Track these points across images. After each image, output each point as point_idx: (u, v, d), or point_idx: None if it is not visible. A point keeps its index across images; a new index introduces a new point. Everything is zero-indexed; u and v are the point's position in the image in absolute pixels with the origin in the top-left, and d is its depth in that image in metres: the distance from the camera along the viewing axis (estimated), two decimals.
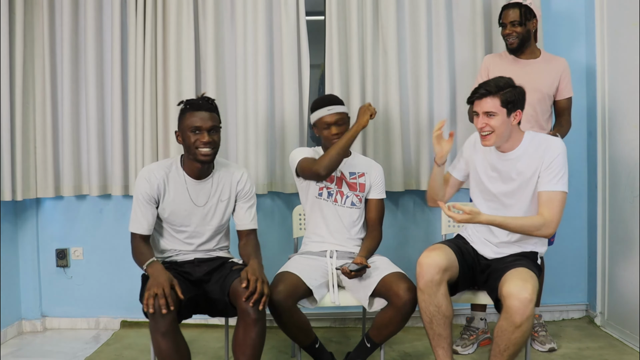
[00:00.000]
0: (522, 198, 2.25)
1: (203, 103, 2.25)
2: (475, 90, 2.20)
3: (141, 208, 2.27)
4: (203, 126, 2.22)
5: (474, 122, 2.27)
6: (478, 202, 2.38)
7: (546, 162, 2.18)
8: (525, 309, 2.00)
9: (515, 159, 2.23)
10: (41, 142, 3.14)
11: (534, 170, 2.20)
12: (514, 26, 2.72)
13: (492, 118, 2.16)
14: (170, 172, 2.32)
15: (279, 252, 3.00)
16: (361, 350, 2.43)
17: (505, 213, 2.26)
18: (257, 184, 3.11)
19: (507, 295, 2.04)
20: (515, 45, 2.74)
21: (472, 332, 2.88)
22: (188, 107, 2.26)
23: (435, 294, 2.17)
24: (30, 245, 3.26)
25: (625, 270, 2.92)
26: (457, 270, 2.27)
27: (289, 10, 3.09)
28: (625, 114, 2.91)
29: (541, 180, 2.19)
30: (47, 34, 3.11)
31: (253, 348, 2.09)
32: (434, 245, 2.30)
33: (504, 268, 2.20)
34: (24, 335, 3.22)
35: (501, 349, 2.11)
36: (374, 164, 2.68)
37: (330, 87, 3.10)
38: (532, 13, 2.72)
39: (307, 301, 2.36)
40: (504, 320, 2.07)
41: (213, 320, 3.28)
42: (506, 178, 2.26)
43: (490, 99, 2.15)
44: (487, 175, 2.32)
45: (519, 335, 2.05)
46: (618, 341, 2.92)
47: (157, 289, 2.01)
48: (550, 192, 2.17)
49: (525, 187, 2.24)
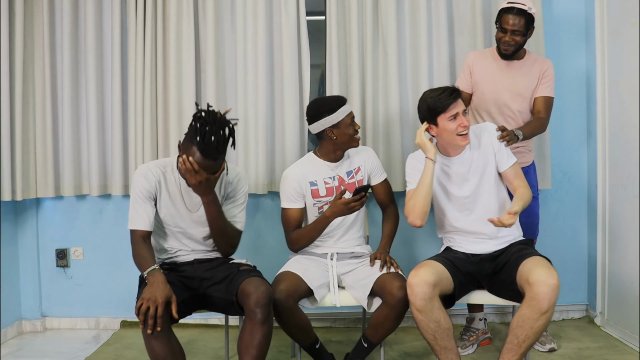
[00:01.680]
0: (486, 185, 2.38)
1: (214, 151, 2.06)
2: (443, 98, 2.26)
3: (140, 204, 2.23)
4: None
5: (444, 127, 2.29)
6: (450, 213, 2.44)
7: (495, 146, 2.37)
8: (553, 294, 2.08)
9: (469, 156, 2.38)
10: (41, 142, 3.14)
11: (486, 158, 2.38)
12: (515, 35, 2.62)
13: (467, 115, 2.32)
14: (166, 173, 2.29)
15: (279, 252, 3.00)
16: (359, 350, 2.44)
17: (475, 211, 2.39)
18: (257, 184, 3.11)
19: (535, 282, 2.09)
20: (510, 53, 2.68)
21: (473, 332, 2.88)
22: (197, 142, 2.06)
23: (431, 310, 2.18)
24: (30, 245, 3.26)
25: (625, 270, 2.92)
26: (449, 282, 2.28)
27: (289, 10, 3.09)
28: (625, 114, 2.91)
29: (499, 161, 2.38)
30: (47, 35, 3.11)
31: (258, 349, 2.09)
32: (421, 263, 2.31)
33: (517, 259, 2.26)
34: (24, 335, 3.23)
35: (520, 341, 2.14)
36: (363, 151, 2.64)
37: (330, 87, 3.10)
38: (533, 21, 2.65)
39: (307, 301, 2.37)
40: (527, 309, 2.11)
41: (213, 320, 3.28)
42: (469, 177, 2.39)
43: (460, 99, 2.30)
44: (454, 183, 2.41)
45: (542, 322, 2.11)
46: (618, 341, 2.92)
47: (150, 304, 1.96)
48: (513, 166, 2.38)
49: (489, 174, 2.38)
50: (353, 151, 2.62)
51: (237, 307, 2.17)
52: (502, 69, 2.75)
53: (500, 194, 2.43)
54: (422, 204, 2.30)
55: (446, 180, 2.42)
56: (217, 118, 2.08)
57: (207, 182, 2.13)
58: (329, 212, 2.42)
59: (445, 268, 2.28)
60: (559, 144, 3.17)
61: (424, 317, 2.18)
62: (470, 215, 2.41)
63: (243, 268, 2.28)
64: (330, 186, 2.54)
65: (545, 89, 2.73)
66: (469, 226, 2.41)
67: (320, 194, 2.54)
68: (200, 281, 2.28)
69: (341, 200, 2.38)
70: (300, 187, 2.53)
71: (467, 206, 2.41)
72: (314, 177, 2.54)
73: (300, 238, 2.53)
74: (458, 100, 2.28)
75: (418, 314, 2.19)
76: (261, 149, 3.12)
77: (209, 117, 2.07)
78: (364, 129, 3.12)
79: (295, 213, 2.55)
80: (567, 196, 3.27)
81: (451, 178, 2.41)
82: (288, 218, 2.56)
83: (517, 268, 2.22)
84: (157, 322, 1.96)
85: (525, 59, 2.76)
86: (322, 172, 2.55)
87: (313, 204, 2.56)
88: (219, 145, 2.07)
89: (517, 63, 2.75)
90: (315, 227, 2.48)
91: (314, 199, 2.55)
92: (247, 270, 2.25)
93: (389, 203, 2.67)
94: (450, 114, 2.26)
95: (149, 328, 1.95)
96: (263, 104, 3.11)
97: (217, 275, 2.28)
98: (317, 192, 2.54)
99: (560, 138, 3.17)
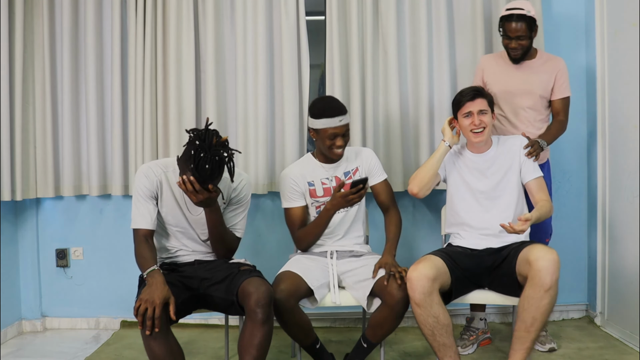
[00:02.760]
0: (507, 188, 2.49)
1: (208, 178, 2.04)
2: (463, 95, 2.45)
3: (142, 203, 2.23)
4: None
5: (460, 123, 2.49)
6: (468, 203, 2.52)
7: (522, 157, 2.50)
8: (554, 268, 2.13)
9: (493, 156, 2.52)
10: (41, 142, 3.14)
11: (510, 164, 2.50)
12: (520, 40, 2.65)
13: (485, 115, 2.45)
14: (168, 173, 2.29)
15: (279, 252, 3.01)
16: (359, 350, 2.44)
17: (494, 205, 2.48)
18: (257, 184, 3.11)
19: (534, 259, 2.15)
20: (519, 56, 2.72)
21: (472, 332, 2.88)
22: (191, 169, 2.04)
23: (430, 304, 2.19)
24: (30, 245, 3.26)
25: (625, 270, 2.92)
26: (447, 277, 2.30)
27: (289, 10, 3.09)
28: (625, 114, 2.91)
29: (525, 172, 2.49)
30: (47, 34, 3.11)
31: (259, 349, 2.09)
32: (421, 258, 2.35)
33: (517, 249, 2.31)
34: (24, 335, 3.22)
35: (527, 325, 2.16)
36: (362, 152, 2.62)
37: (331, 87, 3.10)
38: (535, 22, 2.67)
39: (307, 301, 2.36)
40: (530, 288, 2.15)
41: (213, 320, 3.28)
42: (488, 175, 2.51)
43: (480, 99, 2.44)
44: (473, 176, 2.52)
45: (547, 301, 2.13)
46: (618, 341, 2.92)
47: (149, 305, 1.96)
48: (537, 179, 2.49)
49: (510, 178, 2.49)
50: (351, 152, 2.62)
51: (238, 307, 2.17)
52: (513, 69, 2.78)
53: (519, 202, 2.50)
54: (423, 174, 2.51)
55: (466, 172, 2.54)
56: (212, 145, 2.04)
57: (208, 199, 2.13)
58: (329, 205, 2.45)
59: (444, 263, 2.31)
60: (559, 144, 3.16)
61: (423, 311, 2.20)
62: (483, 210, 2.48)
63: (243, 268, 2.28)
64: (328, 187, 2.54)
65: (563, 90, 2.78)
66: (478, 220, 2.47)
67: (317, 194, 2.54)
68: (201, 281, 2.27)
69: (340, 193, 2.40)
70: (298, 186, 2.53)
71: (481, 201, 2.49)
72: (311, 177, 2.55)
73: (305, 235, 2.54)
74: (476, 100, 2.43)
75: (417, 308, 2.21)
76: (261, 149, 3.12)
77: (204, 143, 2.03)
78: (364, 129, 3.12)
79: (298, 211, 2.55)
80: (567, 196, 3.27)
81: (471, 171, 2.53)
82: (292, 218, 2.56)
83: (517, 256, 2.28)
84: (155, 323, 1.96)
85: (537, 58, 2.79)
86: (319, 173, 2.55)
87: (311, 203, 2.56)
88: (213, 172, 2.04)
89: (528, 63, 2.78)
90: (318, 222, 2.49)
91: (312, 198, 2.55)
92: (247, 271, 2.25)
93: (390, 205, 2.62)
94: (464, 111, 2.44)
95: (147, 329, 1.95)
96: (263, 104, 3.11)
97: (218, 275, 2.27)
98: (314, 192, 2.55)
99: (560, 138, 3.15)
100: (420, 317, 2.22)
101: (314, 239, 2.55)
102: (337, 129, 2.42)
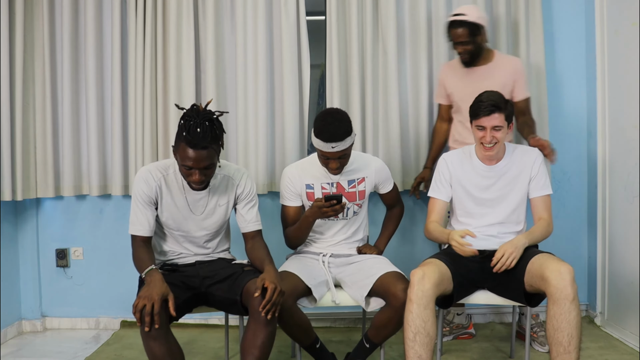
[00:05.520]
0: (509, 198, 2.44)
1: (201, 140, 2.05)
2: (481, 107, 2.32)
3: (140, 209, 2.23)
4: (196, 166, 2.10)
5: (473, 130, 2.39)
6: (469, 208, 2.48)
7: (534, 171, 2.43)
8: (571, 278, 2.08)
9: (502, 169, 2.44)
10: (41, 142, 3.14)
11: (519, 174, 2.44)
12: (464, 44, 2.71)
13: (498, 132, 2.34)
14: (168, 176, 2.28)
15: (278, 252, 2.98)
16: (360, 350, 2.43)
17: (493, 212, 2.45)
18: (257, 184, 3.11)
19: (550, 275, 2.10)
20: (468, 60, 2.76)
21: (445, 324, 2.96)
22: (184, 137, 2.07)
23: (425, 306, 2.15)
24: (30, 245, 3.26)
25: (625, 270, 2.92)
26: (449, 284, 2.29)
27: (289, 10, 3.09)
28: (625, 114, 2.91)
29: (533, 188, 2.44)
30: (47, 34, 3.11)
31: (261, 349, 2.08)
32: (427, 260, 2.34)
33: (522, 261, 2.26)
34: (24, 335, 3.23)
35: (565, 346, 2.06)
36: (373, 163, 2.57)
37: (330, 87, 3.10)
38: (478, 27, 2.69)
39: (306, 300, 2.36)
40: (554, 305, 2.08)
41: (213, 320, 3.28)
42: (493, 189, 2.45)
43: (498, 114, 2.31)
44: (479, 186, 2.46)
45: (575, 312, 2.06)
46: (618, 341, 2.92)
47: (147, 302, 1.96)
48: (544, 196, 2.44)
49: (519, 190, 2.44)
50: (361, 161, 2.56)
51: (241, 306, 2.17)
52: (469, 75, 2.80)
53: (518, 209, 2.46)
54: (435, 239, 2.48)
55: (472, 178, 2.47)
56: (199, 112, 2.10)
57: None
58: (309, 212, 2.40)
59: (448, 269, 2.29)
60: (559, 144, 3.15)
61: (415, 309, 2.14)
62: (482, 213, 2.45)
63: (247, 269, 2.28)
64: (327, 191, 2.52)
65: (523, 91, 2.79)
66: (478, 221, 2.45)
67: (315, 197, 2.51)
68: (202, 279, 2.28)
69: (316, 203, 2.35)
70: (295, 187, 2.52)
71: (485, 208, 2.45)
72: (311, 179, 2.53)
73: (290, 236, 2.55)
74: (492, 115, 2.30)
75: (410, 303, 2.16)
76: (261, 149, 3.12)
77: (192, 112, 2.10)
78: (363, 129, 3.12)
79: (291, 211, 2.55)
80: (567, 196, 3.27)
81: (477, 179, 2.46)
82: (284, 215, 2.57)
83: (524, 270, 2.23)
84: (154, 319, 1.95)
85: (495, 61, 2.80)
86: (321, 177, 2.53)
87: (309, 206, 2.55)
88: (205, 134, 2.05)
89: (485, 66, 2.79)
90: (299, 226, 2.47)
91: (309, 201, 2.53)
92: (252, 271, 2.26)
93: (396, 202, 2.72)
94: (479, 124, 2.35)
95: (146, 325, 1.95)
96: (263, 104, 3.11)
97: (220, 273, 2.28)
98: (312, 195, 2.52)
99: (560, 138, 3.16)
100: (410, 316, 2.15)
101: (298, 241, 2.55)
102: (329, 154, 2.34)
